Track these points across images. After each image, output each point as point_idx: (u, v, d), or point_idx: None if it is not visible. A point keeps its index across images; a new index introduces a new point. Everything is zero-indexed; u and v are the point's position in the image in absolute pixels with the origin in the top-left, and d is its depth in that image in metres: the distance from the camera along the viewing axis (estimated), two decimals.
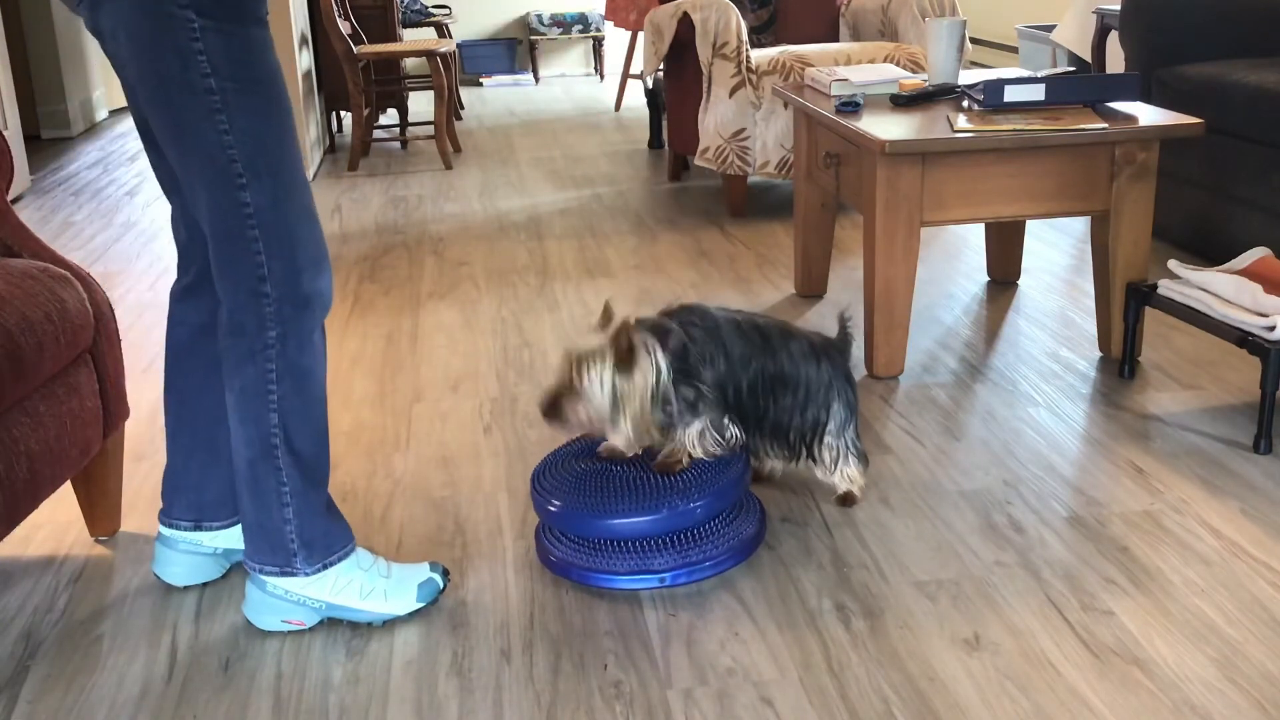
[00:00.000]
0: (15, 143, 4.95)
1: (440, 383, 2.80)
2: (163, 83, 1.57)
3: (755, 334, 2.01)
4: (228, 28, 1.57)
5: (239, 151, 1.60)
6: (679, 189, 4.70)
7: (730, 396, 1.96)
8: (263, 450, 1.72)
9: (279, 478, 1.73)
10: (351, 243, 4.07)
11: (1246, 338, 2.29)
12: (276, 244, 1.65)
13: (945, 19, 3.05)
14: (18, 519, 1.78)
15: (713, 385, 1.94)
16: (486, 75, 8.05)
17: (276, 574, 1.78)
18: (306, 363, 1.71)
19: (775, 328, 2.05)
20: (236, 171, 1.61)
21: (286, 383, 1.70)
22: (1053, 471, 2.26)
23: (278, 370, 1.69)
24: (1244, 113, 3.26)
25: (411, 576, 1.85)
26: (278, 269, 1.65)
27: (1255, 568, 1.91)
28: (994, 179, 2.63)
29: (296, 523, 1.75)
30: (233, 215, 1.63)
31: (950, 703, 1.61)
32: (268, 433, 1.71)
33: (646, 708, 1.62)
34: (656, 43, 4.34)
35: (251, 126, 1.60)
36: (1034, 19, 6.21)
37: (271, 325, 1.67)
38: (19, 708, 1.67)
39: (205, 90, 1.57)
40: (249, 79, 1.60)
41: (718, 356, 1.95)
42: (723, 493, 1.92)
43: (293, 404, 1.71)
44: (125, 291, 3.57)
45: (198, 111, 1.58)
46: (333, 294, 1.75)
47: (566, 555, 1.92)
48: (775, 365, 2.01)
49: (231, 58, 1.58)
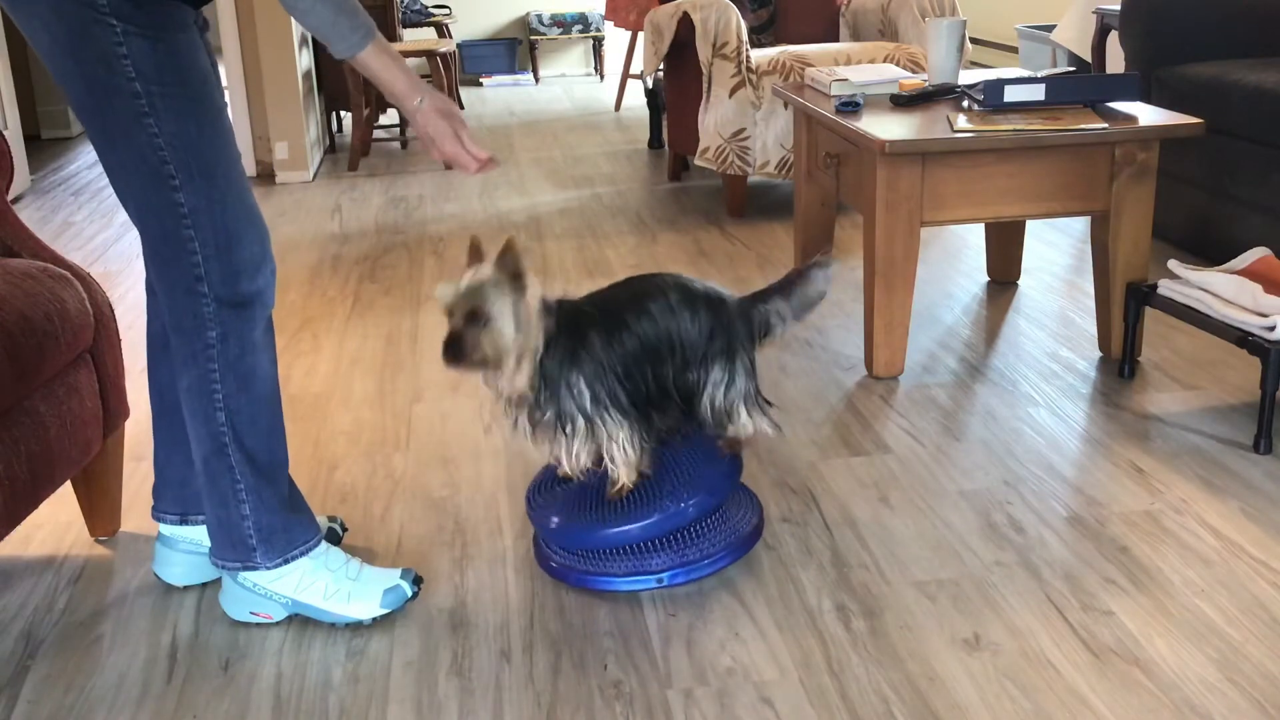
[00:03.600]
0: (15, 143, 4.95)
1: (440, 383, 2.80)
2: (89, 86, 1.56)
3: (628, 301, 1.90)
4: (150, 34, 1.56)
5: (170, 154, 1.60)
6: (679, 189, 4.70)
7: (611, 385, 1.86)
8: (214, 448, 1.73)
9: (232, 475, 1.74)
10: (351, 243, 4.07)
11: (1246, 338, 2.29)
12: (213, 245, 1.64)
13: (945, 19, 3.06)
14: (18, 519, 1.78)
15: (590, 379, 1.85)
16: (486, 75, 8.05)
17: (239, 569, 1.80)
18: (249, 362, 1.71)
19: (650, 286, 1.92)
20: (169, 173, 1.60)
21: (230, 382, 1.70)
22: (1053, 471, 2.26)
23: (220, 370, 1.69)
24: (1244, 113, 3.26)
25: (379, 581, 1.84)
26: (215, 270, 1.65)
27: (1255, 568, 1.91)
28: (994, 179, 2.63)
29: (253, 518, 1.76)
30: (168, 216, 1.62)
31: (950, 703, 1.61)
32: (217, 431, 1.72)
33: (646, 708, 1.62)
34: (656, 43, 4.34)
35: (182, 129, 1.60)
36: (1034, 19, 6.21)
37: (211, 326, 1.67)
38: (19, 708, 1.67)
39: (131, 94, 1.56)
40: (176, 82, 1.59)
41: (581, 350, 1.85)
42: (714, 489, 1.92)
43: (238, 403, 1.71)
44: (125, 291, 3.57)
45: (126, 114, 1.57)
46: (274, 295, 1.75)
47: (565, 561, 1.92)
48: (647, 331, 1.88)
49: (157, 63, 1.57)
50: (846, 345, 2.95)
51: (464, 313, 1.76)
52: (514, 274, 1.77)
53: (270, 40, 4.96)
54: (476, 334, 1.76)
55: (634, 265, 3.65)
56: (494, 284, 1.76)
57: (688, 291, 1.91)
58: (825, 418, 2.54)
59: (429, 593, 1.92)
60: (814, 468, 2.31)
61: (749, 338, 1.95)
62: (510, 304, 1.76)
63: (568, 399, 1.84)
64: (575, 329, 1.86)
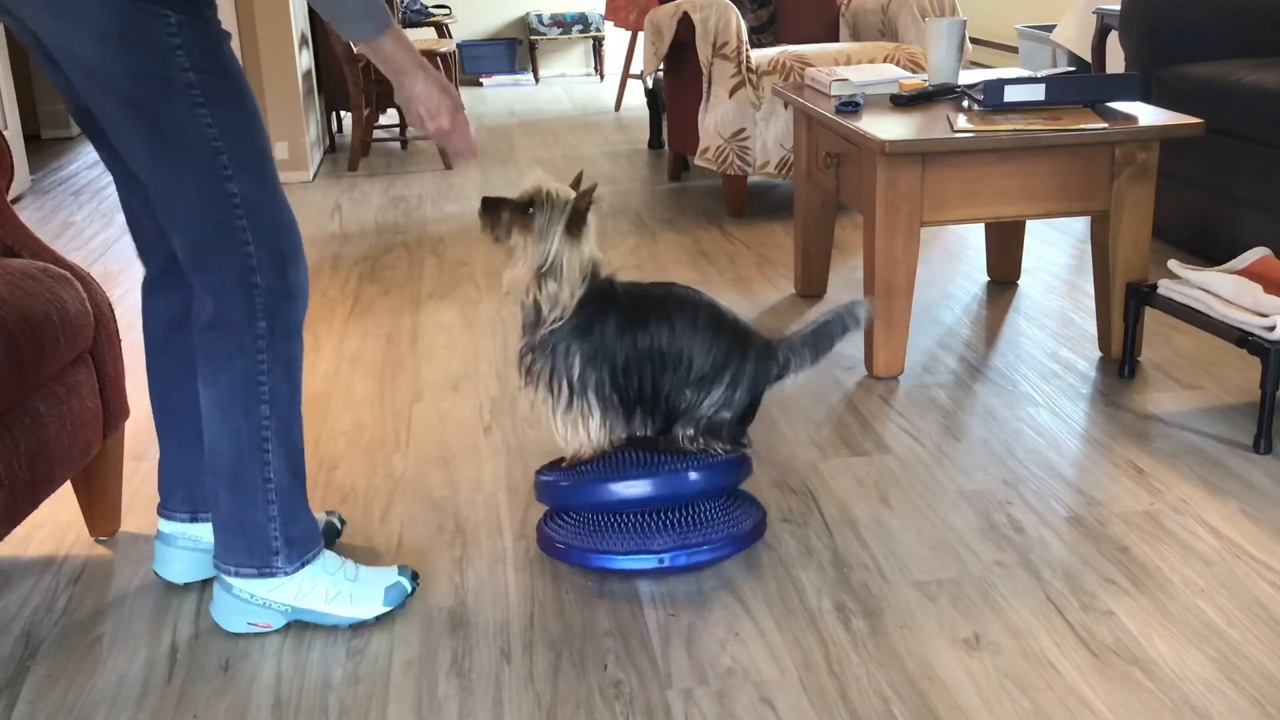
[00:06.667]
0: (15, 143, 4.95)
1: (440, 383, 2.80)
2: (142, 81, 1.55)
3: (658, 303, 1.96)
4: (197, 20, 1.56)
5: (224, 144, 1.60)
6: (679, 189, 4.70)
7: (607, 374, 1.94)
8: (251, 444, 1.71)
9: (265, 473, 1.72)
10: (351, 243, 4.07)
11: (1246, 338, 2.29)
12: (264, 234, 1.65)
13: (945, 19, 3.06)
14: (18, 519, 1.78)
15: (587, 359, 1.93)
16: (486, 75, 8.05)
17: (254, 575, 1.77)
18: (293, 353, 1.72)
19: (684, 298, 1.98)
20: (223, 164, 1.60)
21: (277, 374, 1.70)
22: (1053, 471, 2.26)
23: (268, 362, 1.68)
24: (1244, 113, 3.26)
25: (379, 580, 1.84)
26: (266, 260, 1.65)
27: (1255, 568, 1.91)
28: (994, 179, 2.63)
29: (280, 520, 1.75)
30: (221, 207, 1.62)
31: (950, 703, 1.61)
32: (259, 425, 1.70)
33: (646, 708, 1.62)
34: (656, 43, 4.34)
35: (230, 117, 1.60)
36: (1034, 19, 6.21)
37: (261, 317, 1.66)
38: (19, 708, 1.67)
39: (186, 85, 1.56)
40: (224, 70, 1.60)
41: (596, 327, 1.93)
42: (723, 471, 1.95)
43: (283, 394, 1.71)
44: (125, 291, 3.57)
45: (181, 106, 1.56)
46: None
47: (568, 538, 1.92)
48: (662, 338, 1.94)
49: (206, 50, 1.57)
50: (847, 345, 2.94)
51: (526, 194, 1.89)
52: (579, 215, 1.88)
53: (270, 40, 4.96)
54: (520, 223, 1.89)
55: (634, 265, 3.65)
56: (562, 205, 1.87)
57: (717, 317, 1.98)
58: (825, 418, 2.54)
59: (429, 593, 1.92)
60: (814, 468, 2.31)
61: (763, 379, 2.00)
62: (560, 228, 1.87)
63: (561, 363, 1.93)
64: (601, 306, 1.93)
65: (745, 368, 1.97)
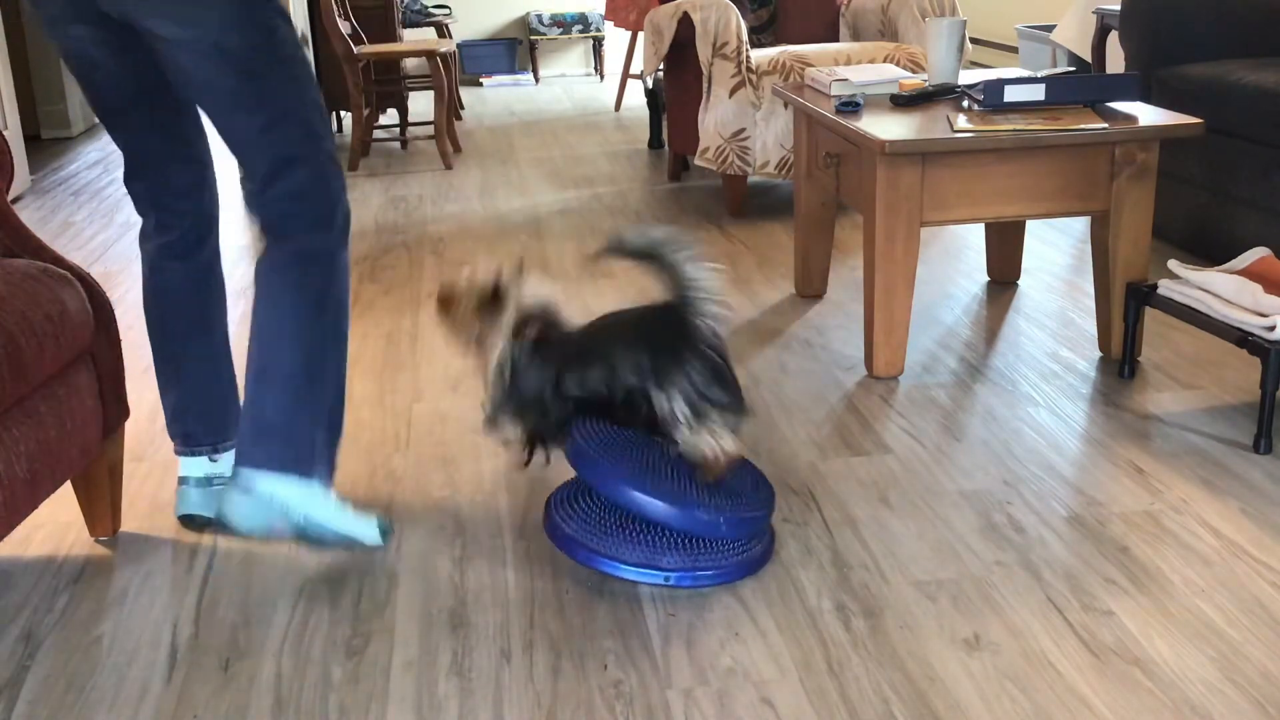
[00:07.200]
0: (15, 143, 4.95)
1: (440, 383, 2.80)
2: (255, 52, 1.80)
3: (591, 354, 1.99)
4: (281, 7, 1.87)
5: (313, 109, 1.90)
6: (679, 189, 4.70)
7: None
8: (322, 339, 1.90)
9: (324, 383, 1.90)
10: (351, 243, 4.06)
11: (1246, 338, 2.29)
12: (340, 181, 1.96)
13: (945, 19, 3.06)
14: (18, 519, 1.78)
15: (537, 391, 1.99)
16: (486, 75, 8.05)
17: (289, 473, 1.86)
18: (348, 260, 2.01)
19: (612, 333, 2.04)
20: (315, 128, 1.89)
21: (347, 296, 1.97)
22: (1053, 471, 2.26)
23: (341, 284, 1.94)
24: (1244, 113, 3.26)
25: (368, 519, 2.00)
26: (344, 201, 1.97)
27: (1255, 568, 1.91)
28: (994, 179, 2.63)
29: (326, 435, 1.92)
30: (322, 160, 1.91)
31: (950, 703, 1.61)
32: (336, 320, 1.92)
33: (646, 708, 1.62)
34: (656, 43, 4.34)
35: (310, 90, 1.90)
36: (1034, 19, 6.21)
37: (339, 246, 1.95)
38: (19, 708, 1.67)
39: (286, 59, 1.85)
40: (299, 51, 1.89)
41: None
42: (752, 520, 1.94)
43: (346, 308, 1.96)
44: (125, 291, 3.57)
45: (282, 77, 1.84)
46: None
47: (577, 531, 1.90)
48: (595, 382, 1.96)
49: (290, 34, 1.87)
50: (846, 345, 2.95)
51: (482, 299, 2.00)
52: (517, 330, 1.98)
53: None
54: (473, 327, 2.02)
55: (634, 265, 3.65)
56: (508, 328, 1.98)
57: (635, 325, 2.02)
58: (825, 418, 2.54)
59: (429, 593, 1.92)
60: (814, 468, 2.31)
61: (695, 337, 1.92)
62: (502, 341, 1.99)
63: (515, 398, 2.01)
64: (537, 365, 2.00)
65: (678, 346, 1.90)
